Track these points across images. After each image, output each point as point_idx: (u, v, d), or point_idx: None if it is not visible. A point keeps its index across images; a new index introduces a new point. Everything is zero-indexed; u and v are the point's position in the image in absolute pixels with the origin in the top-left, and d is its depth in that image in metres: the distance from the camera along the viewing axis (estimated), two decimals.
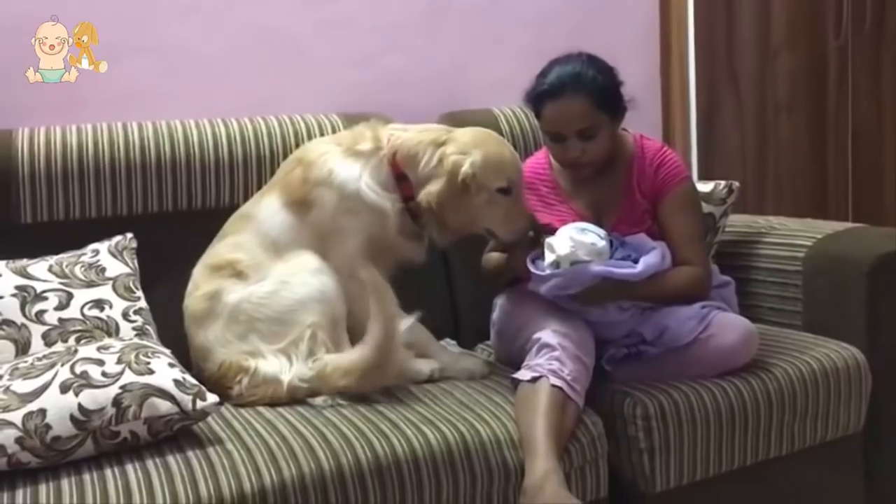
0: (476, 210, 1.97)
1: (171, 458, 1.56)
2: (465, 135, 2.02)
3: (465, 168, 1.94)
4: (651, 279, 1.94)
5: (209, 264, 2.02)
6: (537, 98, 2.03)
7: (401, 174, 2.01)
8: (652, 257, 1.96)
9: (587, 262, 1.90)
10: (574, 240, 1.91)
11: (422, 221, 2.02)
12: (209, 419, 1.70)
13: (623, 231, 2.03)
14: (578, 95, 1.97)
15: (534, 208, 2.13)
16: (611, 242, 1.97)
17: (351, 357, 1.85)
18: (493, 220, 2.00)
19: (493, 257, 2.16)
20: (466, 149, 1.97)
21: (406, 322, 1.89)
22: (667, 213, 2.06)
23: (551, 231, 2.01)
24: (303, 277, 1.93)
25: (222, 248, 2.03)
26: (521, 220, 2.00)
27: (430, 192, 1.95)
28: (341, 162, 2.01)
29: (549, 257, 1.92)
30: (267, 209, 2.03)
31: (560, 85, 1.98)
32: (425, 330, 2.04)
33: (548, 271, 1.92)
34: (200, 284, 2.00)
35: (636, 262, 1.95)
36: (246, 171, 2.26)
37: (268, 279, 1.94)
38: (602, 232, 1.96)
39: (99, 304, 1.87)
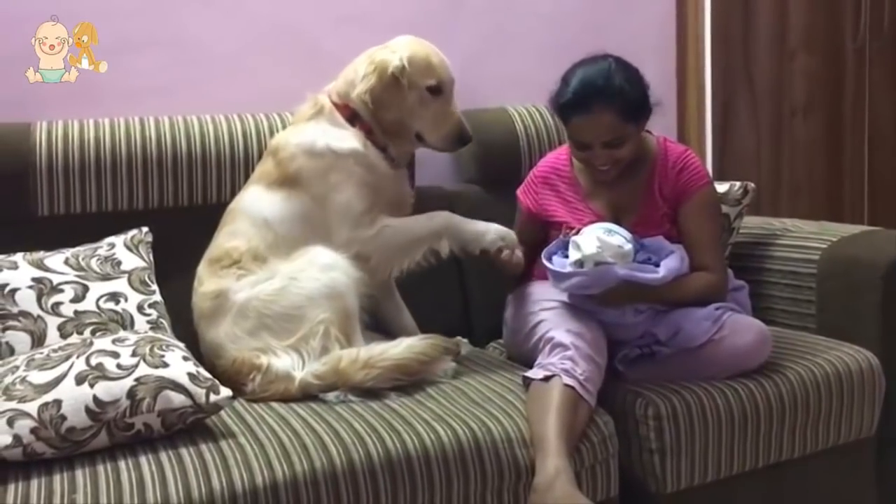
0: (408, 109, 2.04)
1: (184, 451, 1.57)
2: (393, 42, 2.10)
3: (395, 62, 2.01)
4: (670, 283, 1.93)
5: (209, 257, 2.04)
6: (562, 110, 2.01)
7: (350, 114, 2.07)
8: (672, 261, 1.95)
9: (611, 263, 1.89)
10: (601, 240, 1.90)
11: (382, 145, 2.06)
12: (222, 413, 1.71)
13: (641, 233, 2.02)
14: (605, 110, 1.94)
15: (551, 205, 2.12)
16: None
17: (370, 351, 1.86)
18: (423, 122, 2.06)
19: None
20: (394, 49, 2.05)
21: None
22: (687, 218, 2.06)
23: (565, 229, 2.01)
24: (311, 273, 1.94)
25: (220, 239, 2.06)
26: (450, 123, 2.06)
27: (362, 89, 2.02)
28: (300, 132, 2.08)
29: (574, 255, 1.92)
30: (250, 198, 2.06)
31: (586, 98, 1.95)
32: (445, 213, 2.07)
33: (569, 269, 1.92)
34: (204, 280, 2.02)
35: (656, 265, 1.95)
36: None
37: (276, 276, 1.95)
38: (628, 234, 1.95)
39: (114, 296, 1.89)
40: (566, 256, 1.95)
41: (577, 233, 1.99)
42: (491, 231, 2.04)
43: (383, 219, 2.03)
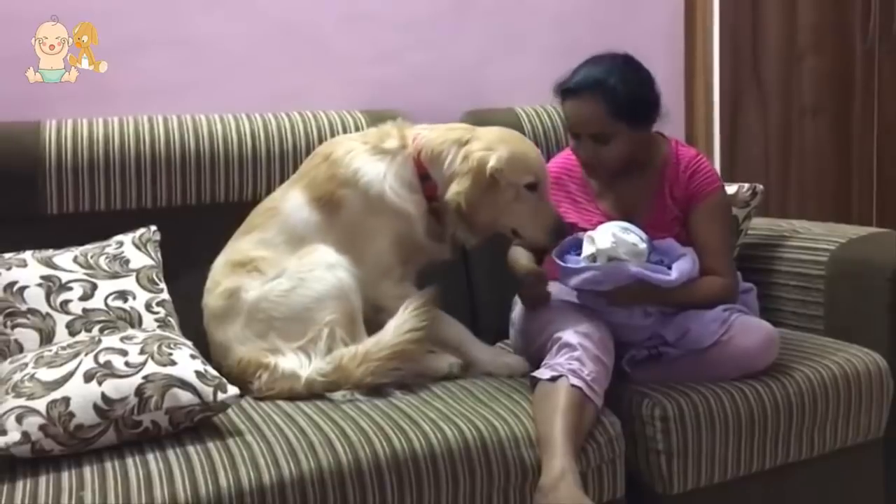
0: (504, 207, 1.97)
1: (191, 449, 1.58)
2: (489, 132, 2.03)
3: (492, 163, 1.93)
4: (681, 286, 1.93)
5: (232, 260, 2.03)
6: (559, 92, 2.04)
7: (424, 174, 2.02)
8: (685, 264, 1.95)
9: (625, 261, 1.89)
10: (616, 237, 1.90)
11: (446, 222, 2.02)
12: (229, 411, 1.71)
13: (651, 236, 2.02)
14: (593, 101, 1.97)
15: (560, 205, 2.12)
16: None
17: (366, 345, 1.87)
18: (520, 219, 1.99)
19: (518, 262, 2.12)
20: (492, 145, 1.97)
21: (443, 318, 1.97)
22: (697, 222, 2.05)
23: (574, 229, 2.01)
24: (318, 273, 1.94)
25: (246, 244, 2.04)
26: (548, 218, 1.99)
27: (457, 191, 1.94)
28: (367, 161, 2.02)
29: (588, 249, 1.91)
30: (292, 203, 2.03)
31: (580, 85, 1.99)
32: (460, 325, 2.05)
33: (582, 264, 1.91)
34: (221, 281, 2.01)
35: (668, 266, 1.94)
36: (268, 165, 2.28)
37: (284, 276, 1.95)
38: (643, 234, 1.94)
39: (122, 295, 1.89)
40: (578, 254, 1.95)
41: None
42: (499, 365, 2.00)
43: (410, 285, 2.02)
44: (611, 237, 1.89)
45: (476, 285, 2.44)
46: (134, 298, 1.90)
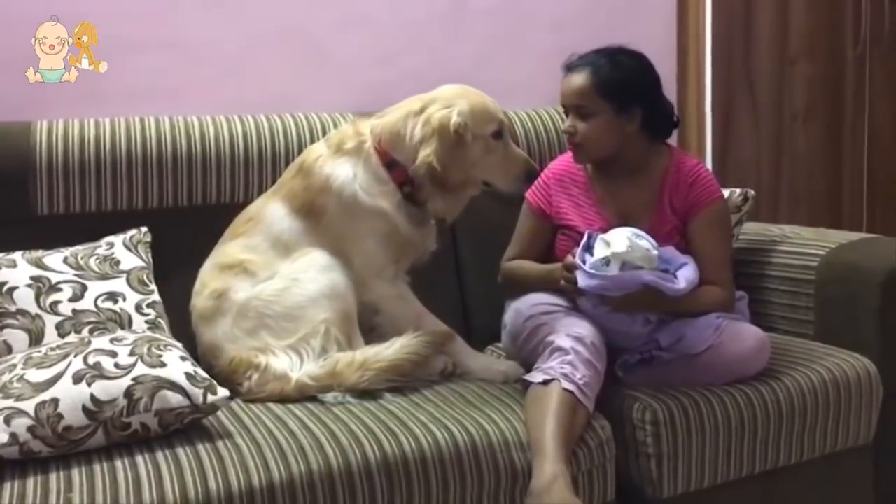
0: (474, 161, 1.99)
1: (180, 451, 1.57)
2: (442, 92, 2.04)
3: (455, 118, 1.94)
4: (686, 295, 1.93)
5: (220, 263, 2.02)
6: (563, 69, 2.08)
7: (390, 161, 2.01)
8: (689, 272, 1.95)
9: (638, 267, 1.87)
10: (632, 241, 1.88)
11: (421, 200, 2.02)
12: (219, 413, 1.71)
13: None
14: (583, 74, 2.01)
15: (561, 205, 2.12)
16: None
17: (366, 353, 1.87)
18: (490, 169, 2.01)
19: (534, 268, 2.11)
20: (450, 102, 1.98)
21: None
22: (697, 232, 2.05)
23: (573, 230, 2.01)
24: (312, 274, 1.94)
25: (233, 248, 2.03)
26: (518, 164, 2.02)
27: (426, 153, 1.94)
28: (335, 165, 2.02)
29: (602, 252, 1.89)
30: (274, 214, 2.03)
31: (576, 61, 2.05)
32: (456, 335, 2.05)
33: (588, 265, 1.88)
34: (209, 283, 2.01)
35: (673, 275, 1.94)
36: (261, 167, 2.27)
37: (276, 277, 1.95)
38: (653, 241, 1.92)
39: (112, 296, 1.89)
40: (590, 257, 1.93)
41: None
42: (493, 373, 1.98)
43: (403, 285, 2.04)
44: (626, 241, 1.88)
45: (468, 288, 2.44)
46: (124, 300, 1.89)
